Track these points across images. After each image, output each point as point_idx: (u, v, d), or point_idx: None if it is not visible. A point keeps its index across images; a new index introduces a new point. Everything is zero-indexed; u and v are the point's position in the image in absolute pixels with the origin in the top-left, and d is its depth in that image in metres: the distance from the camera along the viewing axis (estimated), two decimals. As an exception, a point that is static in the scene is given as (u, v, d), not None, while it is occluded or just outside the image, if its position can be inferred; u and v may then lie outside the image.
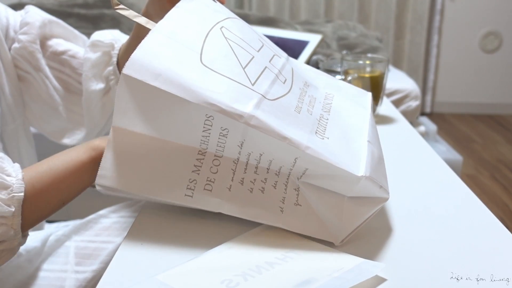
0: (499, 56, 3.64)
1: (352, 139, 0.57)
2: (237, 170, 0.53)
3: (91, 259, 0.77)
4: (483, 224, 0.58)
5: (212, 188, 0.54)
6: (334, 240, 0.53)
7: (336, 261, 0.49)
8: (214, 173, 0.53)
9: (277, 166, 0.53)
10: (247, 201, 0.54)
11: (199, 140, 0.53)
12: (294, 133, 0.52)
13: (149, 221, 0.57)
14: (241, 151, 0.53)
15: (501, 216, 2.14)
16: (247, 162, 0.53)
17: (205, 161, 0.53)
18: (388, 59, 1.03)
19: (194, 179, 0.53)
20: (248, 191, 0.54)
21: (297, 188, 0.54)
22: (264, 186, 0.54)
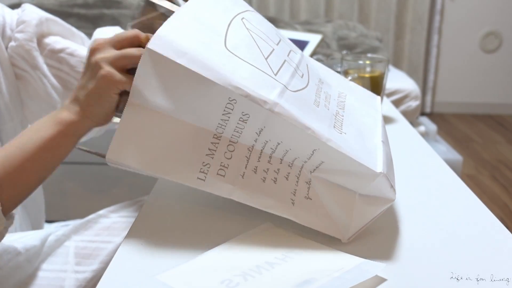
0: (499, 56, 3.64)
1: (367, 137, 0.57)
2: (251, 158, 0.53)
3: (91, 259, 0.77)
4: (483, 224, 0.58)
5: (225, 174, 0.53)
6: (341, 237, 0.53)
7: (336, 261, 0.49)
8: (228, 159, 0.53)
9: (292, 158, 0.53)
10: (259, 190, 0.53)
11: (217, 123, 0.52)
12: (316, 125, 0.51)
13: (149, 221, 0.57)
14: (258, 138, 0.52)
15: (501, 216, 2.14)
16: (261, 150, 0.53)
17: (220, 145, 0.52)
18: (388, 59, 1.03)
19: (208, 163, 0.53)
20: (261, 180, 0.53)
21: (308, 181, 0.53)
22: (277, 176, 0.53)
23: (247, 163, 0.53)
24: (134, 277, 0.46)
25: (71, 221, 0.90)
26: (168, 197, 0.64)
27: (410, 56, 3.53)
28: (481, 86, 3.71)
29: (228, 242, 0.52)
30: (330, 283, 0.45)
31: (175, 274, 0.46)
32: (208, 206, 0.61)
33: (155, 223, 0.57)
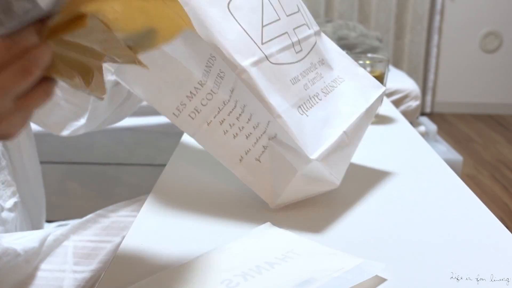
0: (499, 56, 3.64)
1: (331, 125, 0.60)
2: (222, 110, 0.58)
3: (90, 258, 0.77)
4: (484, 224, 0.58)
5: (195, 117, 0.59)
6: (271, 202, 0.59)
7: (336, 261, 0.49)
8: (203, 105, 0.59)
9: (256, 121, 0.58)
10: (217, 139, 0.59)
11: (202, 72, 0.58)
12: (275, 100, 0.55)
13: (149, 221, 0.57)
14: (231, 95, 0.58)
15: (501, 216, 2.14)
16: (234, 107, 0.58)
17: (201, 92, 0.58)
18: (388, 59, 1.03)
19: (185, 103, 0.59)
20: (222, 131, 0.59)
21: (265, 146, 0.58)
22: (239, 133, 0.59)
23: (217, 114, 0.59)
24: (134, 277, 0.46)
25: (70, 220, 0.90)
26: (168, 197, 0.64)
27: (410, 56, 3.53)
28: (481, 86, 3.71)
29: (228, 242, 0.52)
30: (330, 283, 0.45)
31: (175, 273, 0.46)
32: (208, 206, 0.61)
33: (155, 223, 0.57)
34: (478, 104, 3.75)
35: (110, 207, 0.86)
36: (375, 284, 0.46)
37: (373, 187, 0.67)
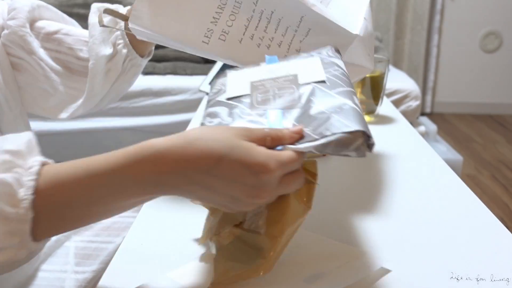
0: (499, 56, 3.64)
1: (352, 14, 0.64)
2: (249, 27, 0.60)
3: (91, 259, 0.77)
4: (483, 224, 0.58)
5: (225, 39, 0.61)
6: None
7: (342, 254, 0.49)
8: (229, 26, 0.61)
9: (284, 27, 0.60)
10: (253, 53, 0.61)
11: None
12: None
13: (149, 221, 0.57)
14: (255, 8, 0.60)
15: (501, 216, 2.14)
16: (258, 20, 0.60)
17: (223, 14, 0.60)
18: (388, 59, 1.03)
19: (211, 29, 0.61)
20: (256, 45, 0.61)
21: (298, 49, 0.61)
22: (271, 44, 0.61)
23: (246, 30, 0.61)
24: (134, 277, 0.46)
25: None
26: (168, 197, 0.64)
27: (410, 56, 3.53)
28: (481, 86, 3.71)
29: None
30: (336, 276, 0.45)
31: (185, 272, 0.46)
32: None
33: (155, 223, 0.57)
34: (478, 104, 3.75)
35: None
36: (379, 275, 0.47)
37: (373, 187, 0.67)
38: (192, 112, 1.79)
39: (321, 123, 0.45)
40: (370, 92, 0.97)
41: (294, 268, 0.47)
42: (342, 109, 0.47)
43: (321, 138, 0.44)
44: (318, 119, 0.46)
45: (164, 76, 1.94)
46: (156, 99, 1.86)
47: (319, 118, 0.46)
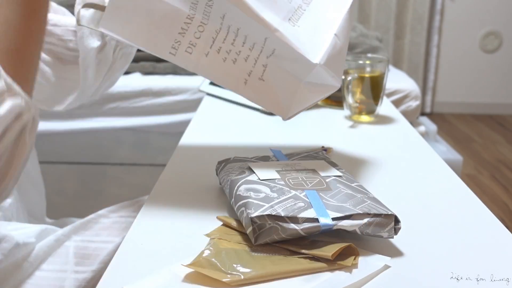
0: (499, 56, 3.64)
1: (322, 31, 0.62)
2: (217, 39, 0.60)
3: (91, 259, 0.77)
4: (483, 224, 0.58)
5: (192, 51, 0.61)
6: (283, 116, 0.63)
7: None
8: (197, 38, 0.60)
9: (251, 43, 0.60)
10: (219, 67, 0.61)
11: (189, 5, 0.58)
12: (268, 15, 0.58)
13: (149, 221, 0.57)
14: (223, 22, 0.59)
15: (501, 216, 2.14)
16: (227, 33, 0.60)
17: (192, 26, 0.59)
18: (388, 59, 1.03)
19: (179, 40, 0.60)
20: (221, 59, 0.61)
21: (265, 65, 0.61)
22: (237, 57, 0.61)
23: (213, 43, 0.60)
24: (134, 277, 0.46)
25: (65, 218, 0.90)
26: (168, 197, 0.64)
27: (410, 56, 3.53)
28: (481, 86, 3.71)
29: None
30: (337, 276, 0.45)
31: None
32: (208, 206, 0.61)
33: (155, 223, 0.57)
34: (478, 104, 3.75)
35: (111, 207, 0.86)
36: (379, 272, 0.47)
37: (372, 187, 0.67)
38: (192, 112, 1.79)
39: (359, 203, 0.52)
40: (370, 92, 0.98)
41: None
42: (369, 196, 0.54)
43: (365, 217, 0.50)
44: (354, 198, 0.53)
45: (164, 76, 1.94)
46: (156, 99, 1.85)
47: (355, 199, 0.53)
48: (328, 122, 1.00)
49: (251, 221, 0.48)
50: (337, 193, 0.55)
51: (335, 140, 0.88)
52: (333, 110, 1.07)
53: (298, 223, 0.49)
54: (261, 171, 0.58)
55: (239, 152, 0.76)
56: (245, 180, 0.56)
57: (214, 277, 0.44)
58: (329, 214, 0.50)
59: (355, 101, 0.98)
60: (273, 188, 0.54)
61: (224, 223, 0.55)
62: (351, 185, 0.57)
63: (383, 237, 0.51)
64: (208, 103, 1.12)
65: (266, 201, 0.51)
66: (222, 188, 0.64)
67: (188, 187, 0.66)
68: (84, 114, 1.85)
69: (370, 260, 0.48)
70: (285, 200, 0.52)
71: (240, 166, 0.61)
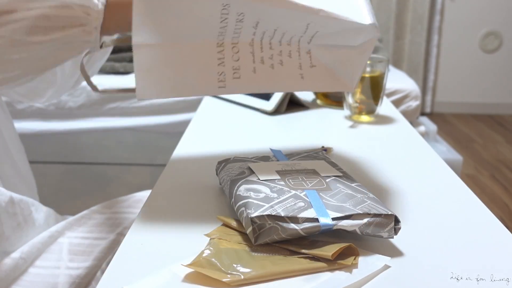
0: (499, 56, 3.64)
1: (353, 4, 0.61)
2: (255, 52, 0.59)
3: (85, 255, 0.77)
4: (483, 224, 0.58)
5: (240, 75, 0.59)
6: (349, 89, 0.63)
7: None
8: (237, 61, 0.58)
9: (288, 37, 0.58)
10: (272, 77, 0.60)
11: (217, 32, 0.56)
12: (304, 1, 0.55)
13: (149, 221, 0.57)
14: (256, 31, 0.57)
15: (501, 216, 2.14)
16: (261, 41, 0.58)
17: (226, 51, 0.58)
18: (388, 59, 1.03)
19: (222, 71, 0.58)
20: (270, 67, 0.60)
21: (308, 51, 0.60)
22: (282, 58, 0.60)
23: (253, 57, 0.59)
24: (134, 277, 0.46)
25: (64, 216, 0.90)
26: (168, 197, 0.64)
27: (410, 56, 3.53)
28: (481, 86, 3.71)
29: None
30: (337, 276, 0.45)
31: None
32: (208, 206, 0.61)
33: (155, 223, 0.57)
34: (478, 104, 3.75)
35: (104, 203, 0.86)
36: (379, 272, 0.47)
37: (372, 187, 0.67)
38: (192, 112, 1.79)
39: (359, 203, 0.52)
40: (370, 92, 0.98)
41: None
42: (369, 196, 0.54)
43: (365, 217, 0.50)
44: (354, 198, 0.53)
45: (164, 76, 1.94)
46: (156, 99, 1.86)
47: (355, 199, 0.53)
48: (328, 122, 1.00)
49: (251, 221, 0.48)
50: (337, 193, 0.55)
51: (335, 140, 0.88)
52: (333, 110, 1.07)
53: (298, 223, 0.49)
54: (261, 171, 0.58)
55: (239, 152, 0.77)
56: (245, 180, 0.56)
57: (214, 277, 0.44)
58: (329, 214, 0.50)
59: (355, 101, 0.98)
60: (273, 188, 0.54)
61: (224, 223, 0.55)
62: (351, 185, 0.57)
63: (383, 237, 0.51)
64: (208, 103, 1.12)
65: (266, 201, 0.51)
66: (222, 188, 0.64)
67: (188, 187, 0.66)
68: (84, 114, 1.85)
69: (370, 260, 0.48)
70: (285, 200, 0.52)
71: (240, 166, 0.61)
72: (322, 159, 0.65)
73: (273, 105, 1.02)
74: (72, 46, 0.58)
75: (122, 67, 1.92)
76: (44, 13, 0.54)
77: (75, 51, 0.59)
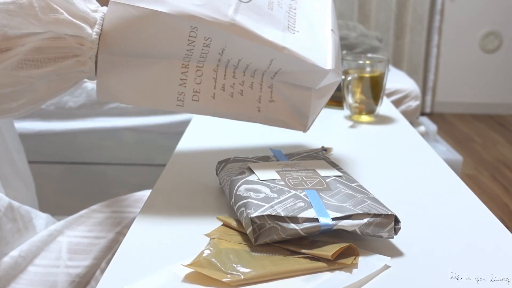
0: (499, 56, 3.64)
1: (318, 28, 0.62)
2: (218, 78, 0.60)
3: (84, 254, 0.77)
4: (483, 224, 0.58)
5: (199, 99, 0.60)
6: (303, 129, 0.64)
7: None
8: (198, 84, 0.60)
9: (253, 69, 0.60)
10: (229, 104, 0.61)
11: (184, 53, 0.57)
12: (271, 34, 0.57)
13: (149, 221, 0.57)
14: (221, 58, 0.58)
15: (501, 216, 2.14)
16: (225, 68, 0.59)
17: (189, 73, 0.60)
18: (388, 59, 1.03)
19: (182, 92, 0.60)
20: (229, 96, 0.61)
21: (270, 86, 0.61)
22: (243, 88, 0.61)
23: (215, 83, 0.60)
24: (134, 277, 0.46)
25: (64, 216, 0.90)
26: (168, 197, 0.64)
27: (410, 56, 3.53)
28: (481, 86, 3.71)
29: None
30: (337, 276, 0.45)
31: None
32: (208, 206, 0.61)
33: (155, 223, 0.57)
34: (478, 104, 3.75)
35: (104, 202, 0.86)
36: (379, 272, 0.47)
37: (372, 187, 0.67)
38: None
39: (359, 203, 0.52)
40: (370, 92, 0.98)
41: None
42: (369, 196, 0.54)
43: (365, 217, 0.50)
44: (354, 198, 0.53)
45: (164, 76, 1.94)
46: (156, 99, 1.86)
47: (355, 199, 0.53)
48: (328, 122, 1.00)
49: (251, 221, 0.48)
50: (337, 193, 0.55)
51: (335, 140, 0.88)
52: (333, 110, 1.07)
53: (298, 223, 0.49)
54: (261, 171, 0.58)
55: (239, 152, 0.76)
56: (245, 180, 0.56)
57: (214, 277, 0.44)
58: (329, 214, 0.50)
59: (355, 101, 0.98)
60: (273, 189, 0.54)
61: (224, 223, 0.55)
62: (351, 185, 0.57)
63: (383, 237, 0.51)
64: (208, 103, 1.12)
65: (266, 201, 0.51)
66: (222, 188, 0.64)
67: (188, 187, 0.66)
68: (84, 114, 1.85)
69: (370, 260, 0.48)
70: (285, 200, 0.52)
71: (240, 166, 0.61)
72: (322, 159, 0.65)
73: (273, 105, 1.02)
74: (66, 77, 0.58)
75: None
76: (36, 46, 0.54)
77: (71, 82, 0.59)
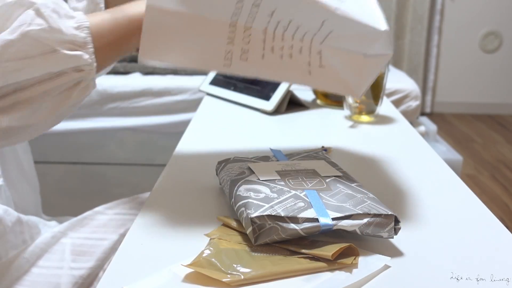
0: (499, 56, 3.64)
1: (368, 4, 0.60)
2: (266, 40, 0.58)
3: (87, 256, 0.77)
4: (483, 224, 0.58)
5: (247, 58, 0.59)
6: (356, 96, 0.63)
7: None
8: (247, 44, 0.58)
9: (302, 33, 0.58)
10: (279, 66, 0.60)
11: (232, 12, 0.56)
12: None
13: (149, 221, 0.57)
14: (271, 20, 0.57)
15: (501, 216, 2.14)
16: (274, 31, 0.58)
17: (237, 32, 0.57)
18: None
19: (230, 50, 0.58)
20: (279, 57, 0.59)
21: (319, 51, 0.59)
22: (292, 52, 0.59)
23: (264, 44, 0.58)
24: (134, 277, 0.46)
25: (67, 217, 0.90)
26: (169, 196, 0.64)
27: (410, 56, 3.53)
28: (481, 86, 3.71)
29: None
30: (337, 276, 0.45)
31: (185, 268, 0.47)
32: (208, 206, 0.61)
33: (155, 223, 0.57)
34: (478, 104, 3.75)
35: (107, 204, 0.86)
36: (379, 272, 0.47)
37: (372, 187, 0.67)
38: (192, 112, 1.79)
39: (359, 203, 0.52)
40: (370, 92, 0.98)
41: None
42: (369, 196, 0.54)
43: (365, 217, 0.50)
44: (354, 198, 0.53)
45: (164, 76, 1.94)
46: (156, 99, 1.86)
47: (355, 199, 0.53)
48: (328, 122, 1.00)
49: (251, 221, 0.48)
50: (337, 193, 0.55)
51: (335, 140, 0.88)
52: (333, 110, 1.07)
53: (298, 223, 0.49)
54: (261, 171, 0.58)
55: (239, 152, 0.77)
56: (245, 180, 0.56)
57: (214, 277, 0.44)
58: (329, 214, 0.50)
59: (355, 101, 0.98)
60: (273, 189, 0.54)
61: (224, 223, 0.55)
62: (351, 185, 0.57)
63: (383, 237, 0.51)
64: (208, 103, 1.12)
65: (266, 201, 0.51)
66: (222, 188, 0.64)
67: (188, 187, 0.66)
68: (84, 114, 1.85)
69: (370, 260, 0.48)
70: (285, 200, 0.52)
71: (240, 166, 0.61)
72: (322, 159, 0.65)
73: (273, 105, 1.02)
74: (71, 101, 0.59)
75: (122, 67, 1.92)
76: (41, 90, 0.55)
77: (76, 101, 0.60)
